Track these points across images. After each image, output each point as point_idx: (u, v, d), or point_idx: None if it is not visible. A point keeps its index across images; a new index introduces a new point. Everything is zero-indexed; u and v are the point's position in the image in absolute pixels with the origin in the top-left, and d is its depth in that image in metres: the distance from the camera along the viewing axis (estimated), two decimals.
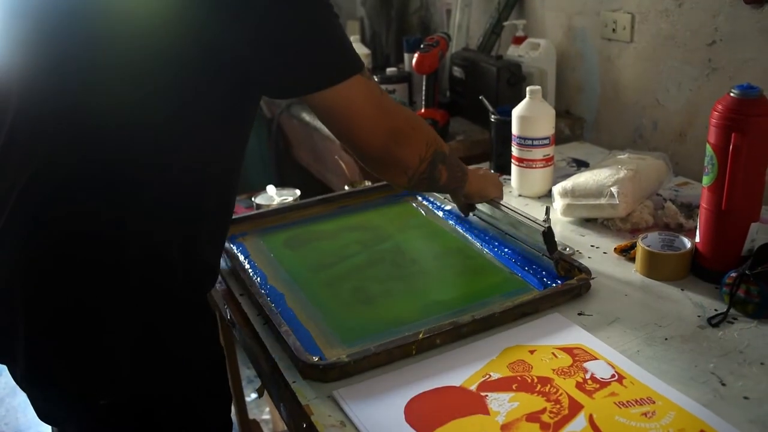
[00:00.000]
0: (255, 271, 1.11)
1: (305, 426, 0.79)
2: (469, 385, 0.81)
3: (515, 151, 1.36)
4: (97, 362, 0.82)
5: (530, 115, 1.32)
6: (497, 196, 1.16)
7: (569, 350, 0.87)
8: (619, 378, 0.81)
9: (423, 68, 1.71)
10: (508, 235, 1.15)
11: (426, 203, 1.37)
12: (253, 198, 1.40)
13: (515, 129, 1.35)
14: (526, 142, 1.33)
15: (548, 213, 1.06)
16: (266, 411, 2.09)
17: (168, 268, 0.84)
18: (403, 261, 1.16)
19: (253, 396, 2.14)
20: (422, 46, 1.72)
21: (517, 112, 1.34)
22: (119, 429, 0.87)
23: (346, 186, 1.48)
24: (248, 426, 1.68)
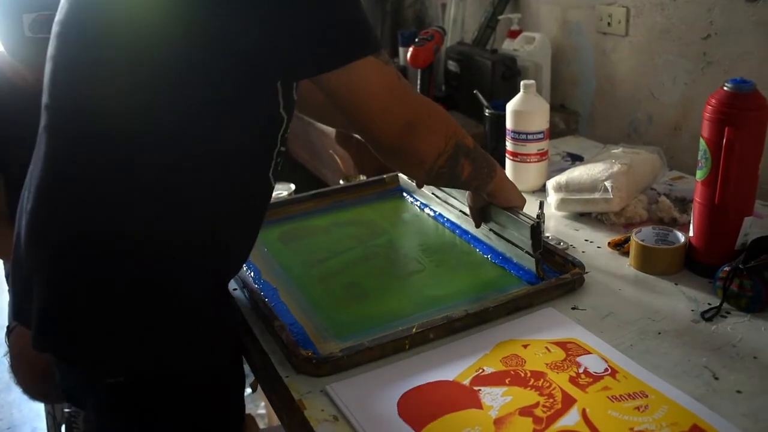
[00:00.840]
0: (248, 266, 1.11)
1: (298, 420, 0.78)
2: (463, 380, 0.81)
3: (509, 146, 1.36)
4: (108, 340, 0.82)
5: (524, 110, 1.32)
6: (519, 206, 1.06)
7: (563, 344, 0.87)
8: (612, 372, 0.81)
9: (418, 62, 1.71)
10: (500, 236, 1.13)
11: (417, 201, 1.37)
12: None
13: (509, 123, 1.35)
14: (521, 137, 1.33)
15: (542, 208, 1.06)
16: (261, 405, 2.09)
17: (183, 258, 0.84)
18: (397, 256, 1.15)
19: (248, 391, 2.14)
20: (417, 40, 1.72)
21: (512, 107, 1.34)
22: (133, 409, 0.87)
23: (341, 180, 1.47)
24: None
